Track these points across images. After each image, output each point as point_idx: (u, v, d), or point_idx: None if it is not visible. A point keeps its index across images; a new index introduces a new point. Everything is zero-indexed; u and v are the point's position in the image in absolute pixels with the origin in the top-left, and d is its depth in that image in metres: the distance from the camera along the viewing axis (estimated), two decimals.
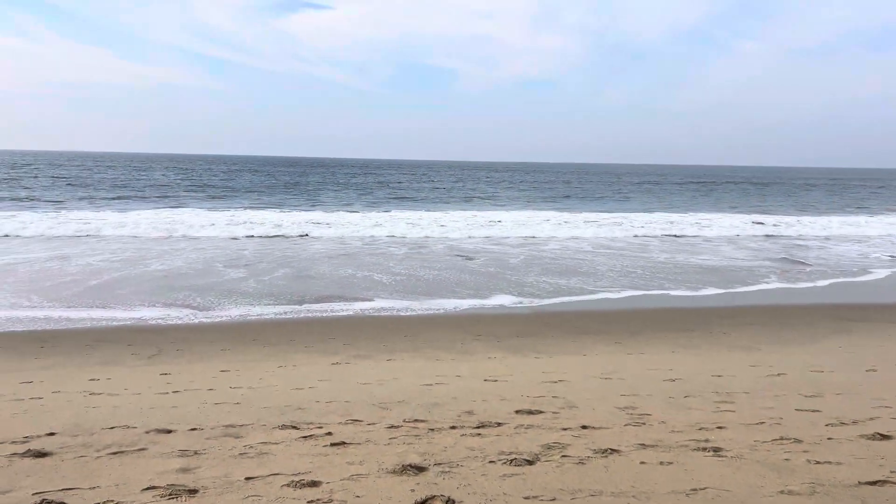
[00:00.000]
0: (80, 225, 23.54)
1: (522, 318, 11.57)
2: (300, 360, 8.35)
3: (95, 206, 33.26)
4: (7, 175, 60.51)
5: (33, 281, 13.72)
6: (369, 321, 11.17)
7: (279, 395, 6.35)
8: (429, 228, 25.64)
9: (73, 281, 13.75)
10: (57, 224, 23.49)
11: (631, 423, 5.24)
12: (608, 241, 23.84)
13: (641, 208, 41.34)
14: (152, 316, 11.05)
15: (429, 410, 5.66)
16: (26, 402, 6.01)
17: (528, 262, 18.10)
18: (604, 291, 14.08)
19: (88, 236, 21.65)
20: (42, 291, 12.63)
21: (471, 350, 9.00)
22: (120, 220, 25.18)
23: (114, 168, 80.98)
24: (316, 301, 12.53)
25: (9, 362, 8.07)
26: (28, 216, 25.88)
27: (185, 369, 7.75)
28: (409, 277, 15.27)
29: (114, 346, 9.07)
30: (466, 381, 6.91)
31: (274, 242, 21.86)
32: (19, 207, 31.20)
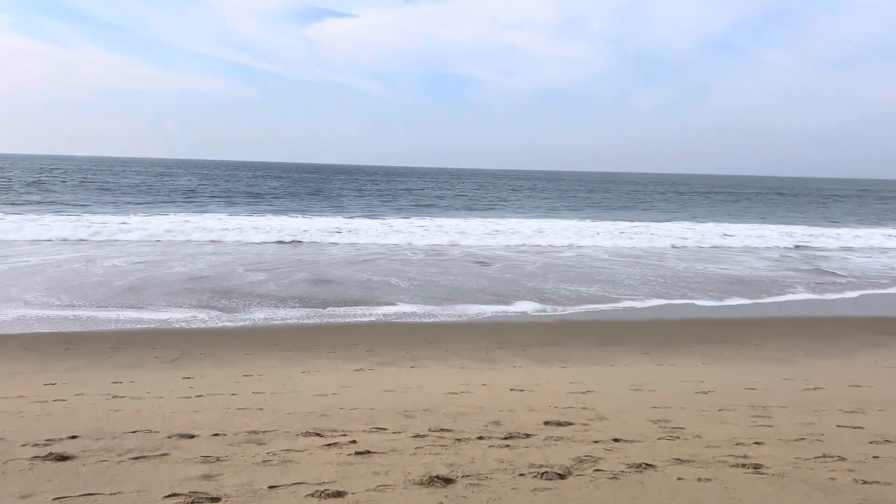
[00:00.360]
0: (104, 228, 23.79)
1: (546, 327, 11.39)
2: (323, 365, 8.27)
3: (122, 211, 33.65)
4: (37, 179, 61.59)
5: (60, 281, 13.82)
6: (392, 327, 11.07)
7: (302, 401, 6.25)
8: (450, 235, 25.53)
9: (98, 282, 13.83)
10: (82, 227, 23.76)
11: (665, 437, 5.06)
12: (629, 249, 23.56)
13: (665, 217, 40.89)
14: (176, 318, 11.05)
15: (455, 420, 5.52)
16: (49, 404, 5.97)
17: (548, 270, 17.91)
18: (627, 299, 13.85)
19: (115, 241, 21.84)
20: (69, 291, 12.72)
21: (495, 358, 8.85)
22: (144, 224, 25.41)
23: (141, 173, 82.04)
24: (338, 306, 12.46)
25: (34, 363, 8.08)
26: (54, 219, 26.25)
27: (208, 373, 7.70)
28: (430, 283, 15.16)
29: (138, 349, 9.06)
30: (492, 391, 6.77)
31: (296, 247, 21.90)
32: (47, 211, 31.67)
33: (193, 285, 14.09)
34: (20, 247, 19.84)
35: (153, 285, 13.94)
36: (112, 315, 11.20)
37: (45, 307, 11.51)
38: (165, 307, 11.91)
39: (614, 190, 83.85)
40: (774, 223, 37.52)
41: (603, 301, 13.77)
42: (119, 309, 11.65)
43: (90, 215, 29.59)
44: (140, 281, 14.42)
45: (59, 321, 10.65)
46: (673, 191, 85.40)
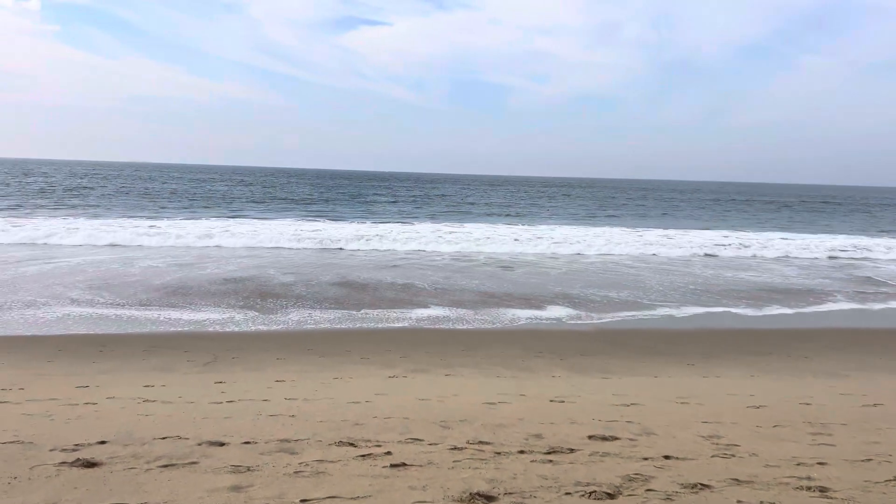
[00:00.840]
0: (142, 231, 24.09)
1: (584, 336, 11.06)
2: (356, 371, 8.08)
3: (160, 215, 34.12)
4: (78, 183, 63.00)
5: (100, 282, 13.91)
6: (426, 333, 10.86)
7: (335, 408, 6.06)
8: (482, 242, 25.29)
9: (135, 282, 13.89)
10: (119, 229, 24.07)
11: (718, 455, 4.74)
12: (664, 257, 23.04)
13: (702, 225, 40.05)
14: (211, 318, 10.99)
15: (493, 432, 5.27)
16: (80, 408, 5.88)
17: (579, 278, 17.53)
18: (662, 307, 13.43)
19: (143, 246, 22.06)
20: (108, 291, 12.79)
21: (532, 367, 8.57)
22: (180, 228, 25.66)
23: (178, 179, 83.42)
24: (371, 311, 12.30)
25: (68, 366, 8.04)
26: (93, 223, 26.70)
27: (240, 378, 7.56)
28: (462, 289, 14.93)
29: (170, 353, 8.99)
30: (531, 402, 6.50)
31: (330, 252, 21.86)
32: (86, 214, 32.26)
33: (227, 288, 14.06)
34: (60, 249, 20.15)
35: (188, 288, 13.95)
36: (149, 314, 11.19)
37: (85, 305, 11.57)
38: (200, 308, 11.87)
39: (649, 197, 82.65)
40: (816, 232, 36.46)
41: (638, 308, 13.39)
42: (157, 309, 11.64)
43: (128, 219, 30.05)
44: (175, 283, 14.45)
45: (95, 321, 10.67)
46: (710, 199, 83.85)
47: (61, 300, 12.22)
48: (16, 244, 20.87)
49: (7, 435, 4.88)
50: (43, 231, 22.95)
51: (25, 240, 21.49)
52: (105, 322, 10.79)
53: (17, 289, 13.20)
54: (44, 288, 13.37)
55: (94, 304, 12.07)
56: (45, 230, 23.24)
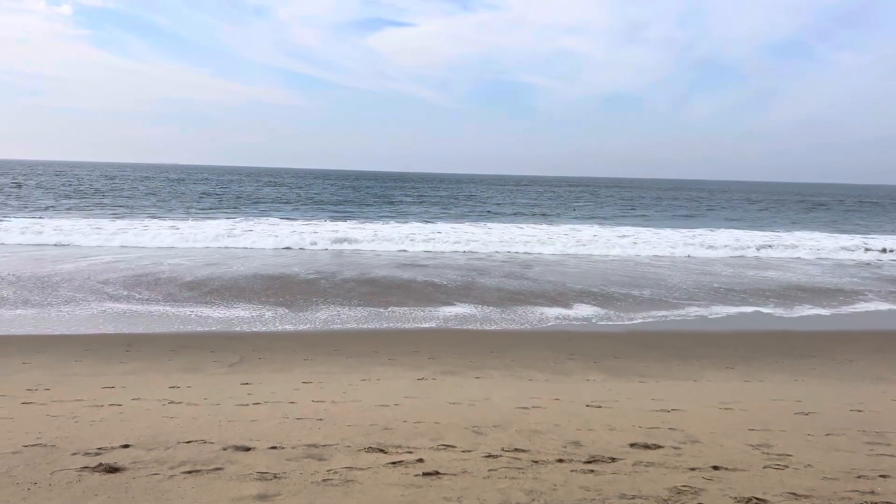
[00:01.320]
0: (166, 230, 24.25)
1: (616, 338, 10.75)
2: (384, 373, 7.89)
3: (186, 215, 34.39)
4: (109, 185, 63.96)
5: (133, 281, 13.94)
6: (454, 334, 10.64)
7: (364, 412, 5.87)
8: (510, 242, 25.02)
9: (167, 281, 13.89)
10: (145, 231, 24.25)
11: (771, 466, 4.45)
12: (700, 259, 22.55)
13: (733, 225, 39.28)
14: (238, 315, 10.89)
15: (529, 438, 5.03)
16: (105, 409, 5.76)
17: (608, 279, 17.18)
18: (692, 307, 13.05)
19: (172, 248, 22.16)
20: (140, 289, 12.79)
21: (565, 370, 8.30)
22: (207, 228, 25.79)
23: (208, 181, 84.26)
24: (397, 308, 12.12)
25: (95, 366, 7.97)
26: (117, 224, 26.96)
27: (267, 379, 7.42)
28: (488, 289, 14.68)
29: (197, 353, 8.89)
30: (566, 406, 6.24)
31: (357, 253, 21.76)
32: (115, 216, 32.63)
33: (254, 285, 13.99)
34: (93, 249, 20.32)
35: (215, 286, 13.90)
36: (178, 311, 11.14)
37: (119, 301, 11.56)
38: (227, 306, 11.80)
39: (680, 197, 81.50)
40: (851, 232, 35.51)
41: (668, 308, 13.04)
42: (186, 305, 11.59)
43: (158, 220, 30.32)
44: (206, 281, 14.42)
45: (126, 318, 10.63)
46: (741, 198, 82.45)
47: (95, 297, 12.24)
48: (50, 245, 21.10)
49: (30, 437, 4.77)
50: (70, 229, 23.23)
51: (62, 241, 21.72)
52: (136, 318, 10.75)
53: (54, 287, 13.26)
54: (79, 286, 13.43)
55: (129, 299, 12.06)
56: (74, 229, 23.52)
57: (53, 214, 32.10)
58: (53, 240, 21.80)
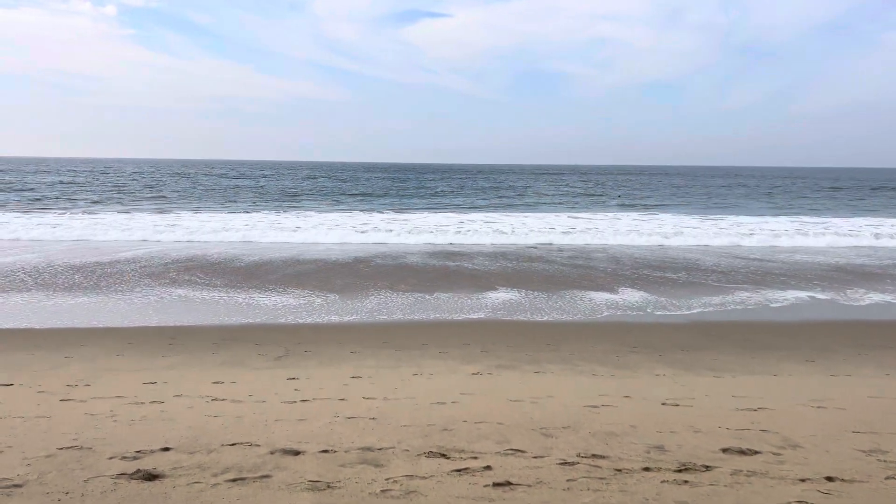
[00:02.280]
0: (215, 224, 24.27)
1: (678, 329, 10.11)
2: (436, 367, 7.43)
3: (233, 209, 34.56)
4: (151, 181, 65.01)
5: (171, 269, 13.80)
6: (505, 325, 10.13)
7: (419, 410, 5.42)
8: (556, 232, 24.38)
9: (209, 271, 13.71)
10: (198, 223, 24.31)
11: (894, 476, 3.86)
12: (751, 247, 21.57)
13: (784, 212, 37.81)
14: (284, 303, 10.57)
15: (605, 442, 4.51)
16: (146, 407, 5.43)
17: (658, 266, 16.43)
18: (752, 295, 12.27)
19: (221, 242, 22.09)
20: (203, 275, 12.61)
21: (630, 364, 7.73)
22: (247, 221, 25.74)
23: (250, 176, 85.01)
24: (445, 302, 11.67)
25: (137, 360, 7.69)
26: (154, 218, 27.11)
27: (314, 374, 7.03)
28: (540, 280, 14.12)
29: (241, 346, 8.56)
30: (640, 405, 5.69)
31: (400, 245, 21.39)
32: (163, 211, 32.94)
33: (298, 281, 13.70)
34: (159, 244, 20.37)
35: (262, 276, 13.65)
36: (215, 294, 10.88)
37: (168, 288, 11.38)
38: (269, 294, 11.49)
39: (726, 185, 79.28)
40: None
41: (725, 294, 12.29)
42: (224, 289, 11.34)
43: (208, 213, 30.47)
44: (250, 271, 14.19)
45: (167, 308, 10.41)
46: (793, 184, 79.81)
47: (144, 288, 12.09)
48: (133, 241, 21.24)
49: (66, 439, 4.45)
50: (140, 224, 23.41)
51: (139, 235, 21.87)
52: (181, 305, 10.51)
53: (112, 279, 13.18)
54: (134, 278, 13.32)
55: (178, 286, 11.88)
56: (144, 223, 23.71)
57: (208, 209, 32.56)
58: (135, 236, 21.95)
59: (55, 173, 75.77)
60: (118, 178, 68.96)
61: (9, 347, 8.24)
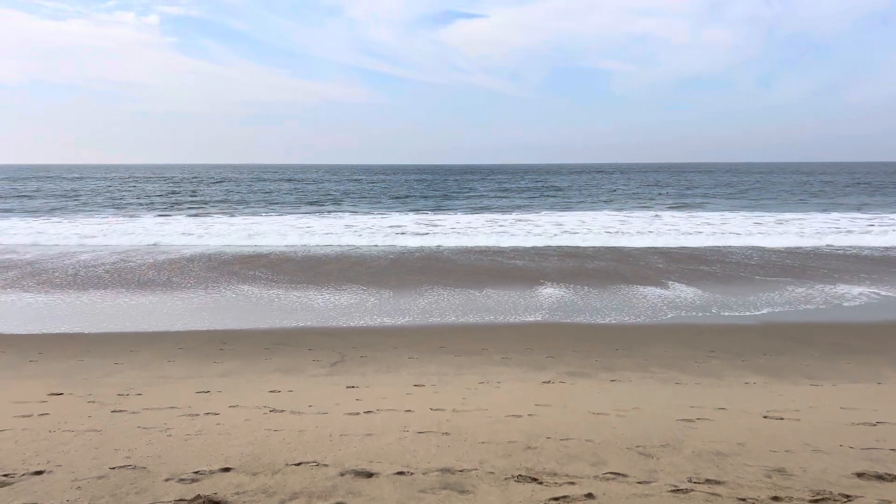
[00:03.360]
0: (249, 225, 24.23)
1: (755, 331, 9.44)
2: (502, 374, 6.94)
3: (273, 211, 34.65)
4: (177, 187, 65.96)
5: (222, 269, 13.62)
6: (566, 329, 9.59)
7: (494, 424, 4.94)
8: (613, 234, 23.67)
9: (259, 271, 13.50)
10: (229, 227, 24.30)
11: None
12: (815, 246, 20.54)
13: (849, 208, 36.27)
14: (333, 303, 10.22)
15: (716, 464, 3.97)
16: (201, 420, 5.07)
17: (715, 264, 15.64)
18: (825, 294, 11.47)
19: (258, 246, 22.00)
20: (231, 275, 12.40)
21: (713, 371, 7.12)
22: (284, 225, 25.65)
23: (292, 179, 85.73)
24: (497, 303, 11.17)
25: (188, 367, 7.39)
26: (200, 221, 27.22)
27: (374, 381, 6.61)
28: (592, 279, 13.52)
29: (294, 351, 8.22)
30: (740, 418, 5.12)
31: (449, 247, 20.97)
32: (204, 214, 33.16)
33: (345, 281, 13.37)
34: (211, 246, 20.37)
35: (316, 277, 13.37)
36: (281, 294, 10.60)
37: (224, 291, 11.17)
38: (323, 292, 11.17)
39: (774, 182, 76.95)
40: None
41: (796, 293, 11.52)
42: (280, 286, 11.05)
43: (242, 217, 30.55)
44: (294, 273, 13.93)
45: (217, 312, 10.16)
46: (848, 180, 77.03)
47: (191, 290, 11.91)
48: (233, 245, 21.33)
49: (118, 456, 4.09)
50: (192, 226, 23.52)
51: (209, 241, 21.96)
52: (229, 309, 10.25)
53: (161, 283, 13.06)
54: (180, 278, 13.19)
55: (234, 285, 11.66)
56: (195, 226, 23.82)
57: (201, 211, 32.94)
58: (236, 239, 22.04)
59: (159, 181, 77.50)
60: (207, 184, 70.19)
61: (60, 354, 8.03)
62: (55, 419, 5.15)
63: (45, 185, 62.56)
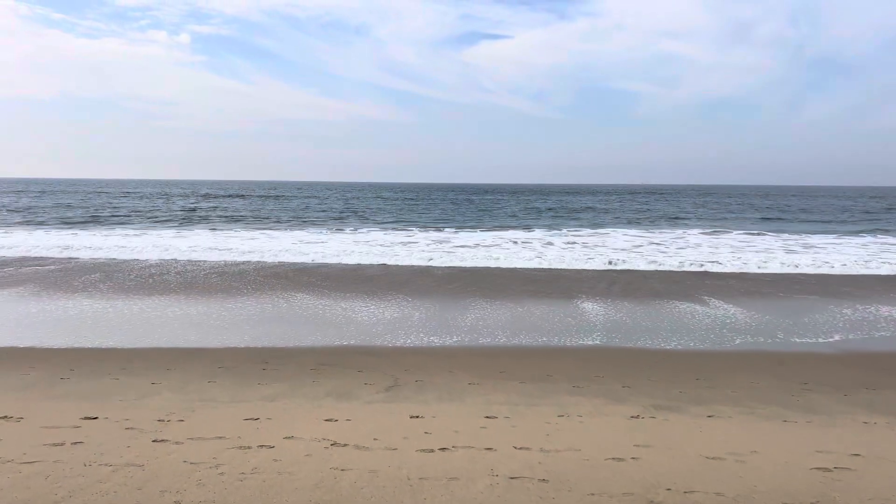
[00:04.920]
0: (293, 242, 23.78)
1: (839, 361, 8.60)
2: (580, 406, 6.21)
3: (302, 228, 34.28)
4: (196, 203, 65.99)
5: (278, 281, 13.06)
6: (632, 354, 8.82)
7: (596, 469, 4.23)
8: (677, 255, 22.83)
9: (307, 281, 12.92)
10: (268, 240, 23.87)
11: None
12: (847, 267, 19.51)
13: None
14: (377, 319, 9.56)
15: None
16: (255, 454, 4.42)
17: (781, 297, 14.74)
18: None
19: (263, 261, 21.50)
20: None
21: (818, 407, 6.32)
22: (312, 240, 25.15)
23: (315, 196, 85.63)
24: (550, 323, 10.42)
25: (231, 388, 6.76)
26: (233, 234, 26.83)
27: (438, 411, 5.92)
28: (646, 298, 12.73)
29: (342, 372, 7.56)
30: (881, 466, 4.35)
31: (483, 268, 20.28)
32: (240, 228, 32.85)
33: (392, 293, 12.73)
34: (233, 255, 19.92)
35: (352, 290, 12.76)
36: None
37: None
38: (368, 309, 10.53)
39: (805, 205, 75.19)
40: None
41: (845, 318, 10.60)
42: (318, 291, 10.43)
43: (283, 232, 30.16)
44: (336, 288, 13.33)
45: (259, 326, 9.55)
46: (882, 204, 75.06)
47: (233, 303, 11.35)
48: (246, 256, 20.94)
49: (167, 500, 3.46)
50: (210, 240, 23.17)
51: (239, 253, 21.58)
52: (268, 326, 9.63)
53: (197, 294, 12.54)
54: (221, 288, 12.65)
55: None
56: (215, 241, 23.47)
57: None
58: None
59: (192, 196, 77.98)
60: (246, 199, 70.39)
61: (95, 371, 7.45)
62: (90, 449, 4.54)
63: (118, 201, 63.00)
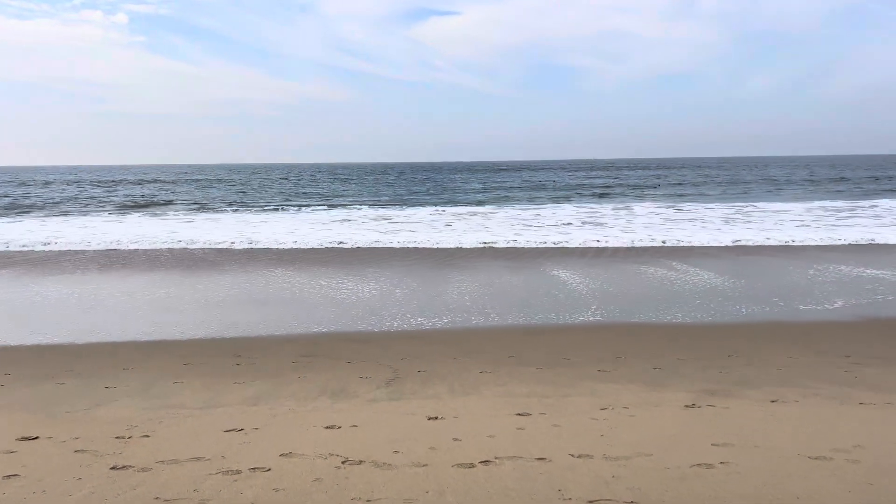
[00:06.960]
0: (243, 226, 22.45)
1: (864, 328, 7.98)
2: (619, 395, 5.33)
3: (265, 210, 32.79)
4: (157, 187, 63.41)
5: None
6: (645, 330, 8.03)
7: (686, 481, 3.37)
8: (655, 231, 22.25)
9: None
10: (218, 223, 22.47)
11: None
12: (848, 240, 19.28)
13: None
14: (356, 300, 8.57)
15: None
16: (247, 479, 3.43)
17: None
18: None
19: (258, 244, 20.23)
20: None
21: (880, 383, 5.59)
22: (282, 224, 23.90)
23: (275, 180, 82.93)
24: (541, 299, 9.59)
25: (203, 390, 5.67)
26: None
27: (457, 409, 4.96)
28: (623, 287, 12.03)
29: (330, 364, 6.55)
30: None
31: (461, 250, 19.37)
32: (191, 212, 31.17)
33: (369, 271, 11.71)
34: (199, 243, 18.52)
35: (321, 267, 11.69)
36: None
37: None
38: (340, 291, 9.51)
39: (745, 176, 76.15)
40: None
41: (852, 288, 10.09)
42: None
43: (228, 214, 28.66)
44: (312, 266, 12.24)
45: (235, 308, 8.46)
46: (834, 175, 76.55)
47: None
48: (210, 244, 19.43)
49: None
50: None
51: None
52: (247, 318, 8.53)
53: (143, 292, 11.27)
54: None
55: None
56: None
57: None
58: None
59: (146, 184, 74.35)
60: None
61: (33, 375, 6.26)
62: (28, 485, 3.47)
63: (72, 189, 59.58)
